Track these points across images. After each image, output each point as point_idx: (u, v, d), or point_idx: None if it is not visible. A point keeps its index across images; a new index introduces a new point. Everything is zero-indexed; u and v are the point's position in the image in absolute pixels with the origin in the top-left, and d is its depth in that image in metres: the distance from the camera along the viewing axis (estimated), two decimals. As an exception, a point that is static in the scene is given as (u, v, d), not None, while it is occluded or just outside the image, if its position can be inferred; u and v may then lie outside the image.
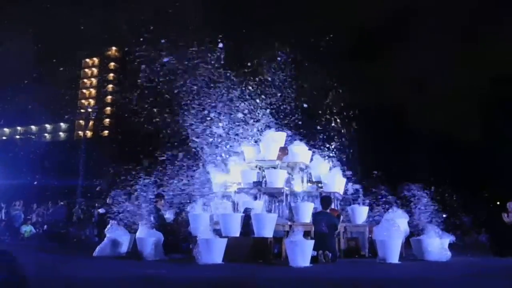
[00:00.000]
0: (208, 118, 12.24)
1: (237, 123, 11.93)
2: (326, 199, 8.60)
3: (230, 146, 11.51)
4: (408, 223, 9.61)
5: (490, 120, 31.17)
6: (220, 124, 11.92)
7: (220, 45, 13.28)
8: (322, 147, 12.10)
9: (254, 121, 12.13)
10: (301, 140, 10.83)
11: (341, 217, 9.04)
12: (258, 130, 11.74)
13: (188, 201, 10.20)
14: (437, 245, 8.46)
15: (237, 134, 11.75)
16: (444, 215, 11.85)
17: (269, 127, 11.54)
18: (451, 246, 8.81)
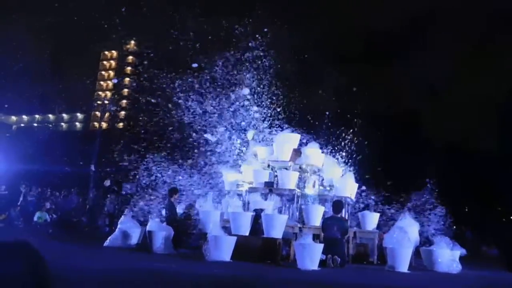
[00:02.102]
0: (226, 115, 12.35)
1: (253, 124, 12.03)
2: (338, 204, 8.56)
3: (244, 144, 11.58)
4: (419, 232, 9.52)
5: (507, 130, 30.55)
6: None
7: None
8: (335, 152, 12.07)
9: (268, 123, 12.18)
10: (315, 140, 10.82)
11: (348, 222, 9.00)
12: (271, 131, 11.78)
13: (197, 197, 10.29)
14: (448, 256, 8.36)
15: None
16: (454, 227, 11.73)
17: (282, 128, 11.56)
18: (461, 259, 8.71)
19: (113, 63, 77.50)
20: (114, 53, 77.06)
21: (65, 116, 75.75)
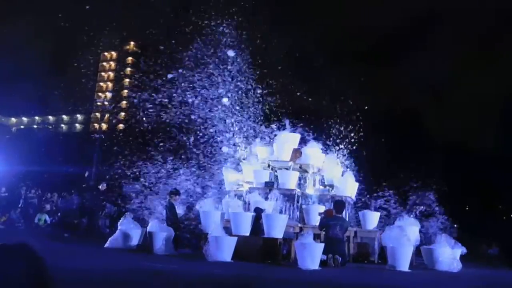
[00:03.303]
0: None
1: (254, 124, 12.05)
2: (340, 204, 8.55)
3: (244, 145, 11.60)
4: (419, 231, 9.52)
5: (507, 129, 30.46)
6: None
7: (231, 53, 13.33)
8: (335, 151, 12.08)
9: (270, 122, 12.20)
10: (315, 140, 10.82)
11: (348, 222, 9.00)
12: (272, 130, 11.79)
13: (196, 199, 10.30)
14: (448, 255, 8.36)
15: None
16: (454, 226, 11.74)
17: (284, 128, 11.57)
18: (461, 257, 8.70)
19: (112, 64, 77.45)
20: (114, 54, 77.03)
21: (65, 117, 75.73)
